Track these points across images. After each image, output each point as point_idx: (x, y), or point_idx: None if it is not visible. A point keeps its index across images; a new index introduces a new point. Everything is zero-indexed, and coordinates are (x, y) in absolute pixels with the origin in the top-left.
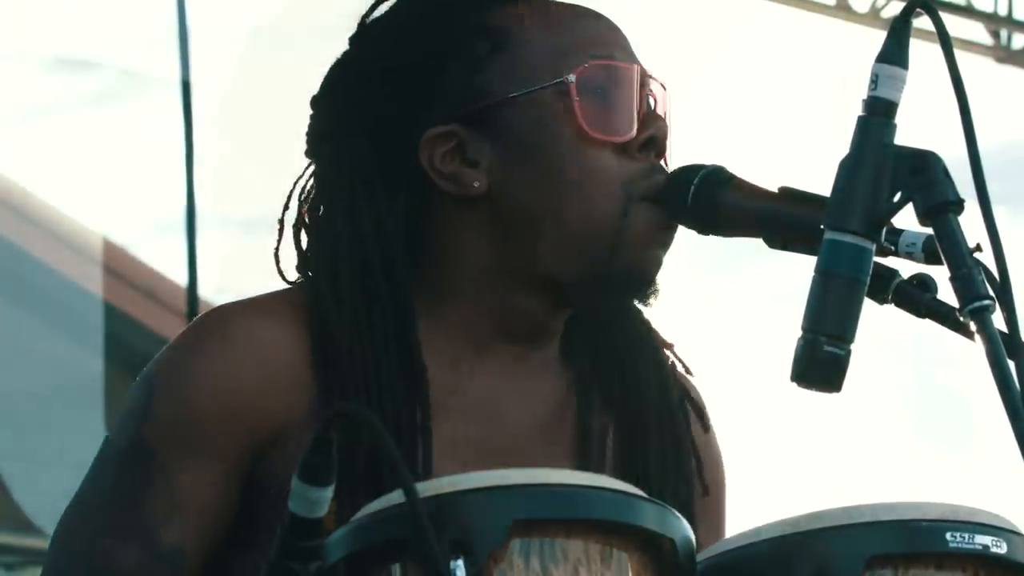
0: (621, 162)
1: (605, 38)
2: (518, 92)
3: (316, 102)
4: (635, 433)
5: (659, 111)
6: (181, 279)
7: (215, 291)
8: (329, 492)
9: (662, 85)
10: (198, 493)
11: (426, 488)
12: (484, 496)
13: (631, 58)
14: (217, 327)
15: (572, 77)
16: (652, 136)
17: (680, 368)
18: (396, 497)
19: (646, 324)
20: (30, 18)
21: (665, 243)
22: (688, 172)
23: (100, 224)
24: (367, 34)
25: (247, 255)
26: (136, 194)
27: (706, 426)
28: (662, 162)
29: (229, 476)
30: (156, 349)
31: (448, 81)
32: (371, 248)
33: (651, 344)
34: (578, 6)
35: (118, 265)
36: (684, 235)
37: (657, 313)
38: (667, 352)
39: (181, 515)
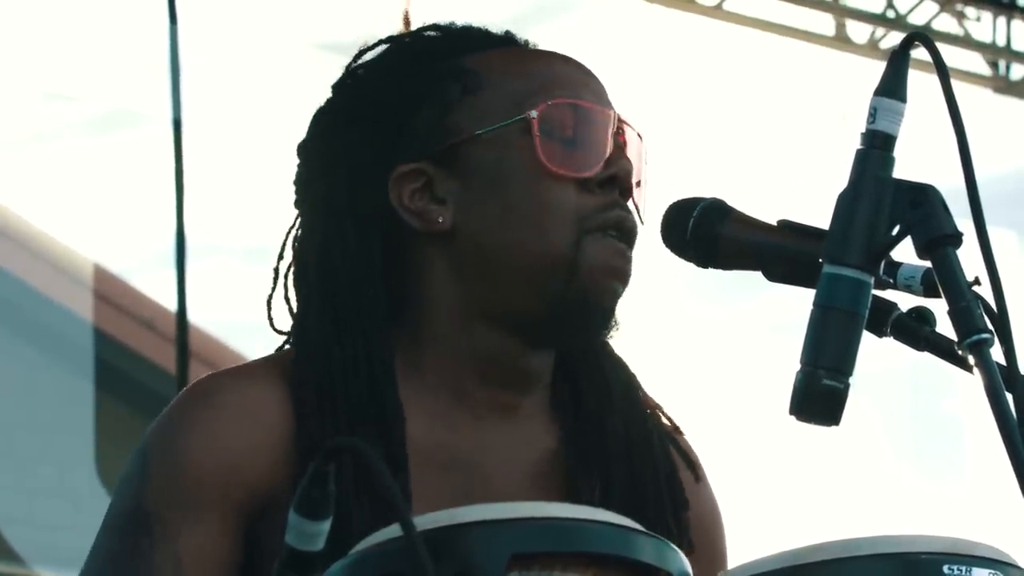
0: (581, 197)
1: (574, 80)
2: (483, 130)
3: (300, 149)
4: (630, 494)
5: (630, 155)
6: (172, 305)
7: (208, 319)
8: (326, 525)
9: (639, 135)
10: (200, 554)
11: (424, 521)
12: (482, 529)
13: (602, 101)
14: (206, 393)
15: (534, 113)
16: (614, 174)
17: (668, 424)
18: (394, 530)
19: (631, 379)
20: (26, 51)
21: (621, 275)
22: (687, 205)
23: (91, 250)
24: (349, 80)
25: (244, 283)
26: (129, 222)
27: (697, 476)
28: (631, 204)
29: (229, 536)
30: (147, 375)
31: (420, 122)
32: (342, 292)
33: (637, 400)
34: (553, 52)
35: (109, 291)
36: (683, 267)
37: (656, 344)
38: (653, 410)
39: (185, 575)
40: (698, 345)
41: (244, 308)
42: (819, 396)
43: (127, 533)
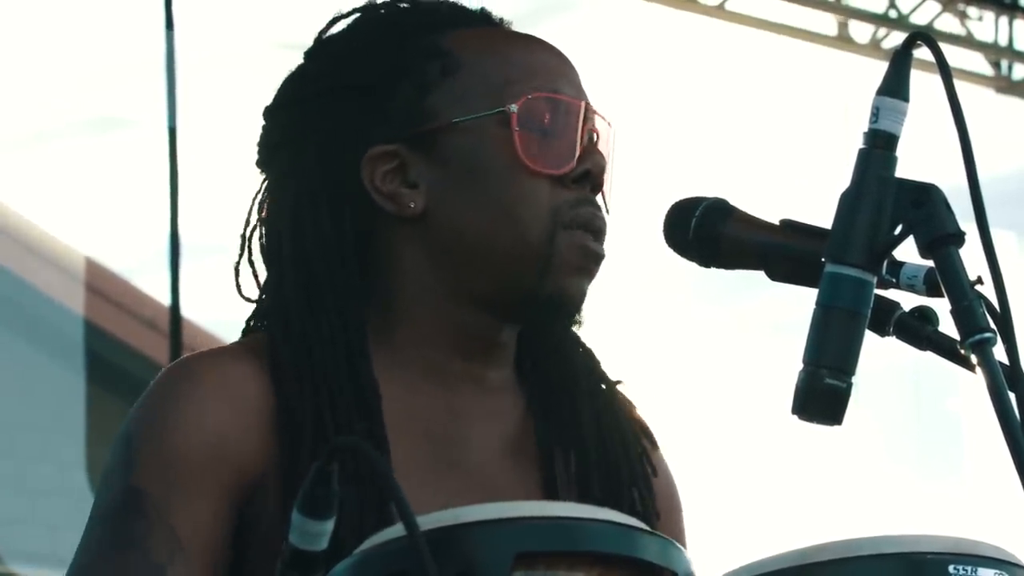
0: (555, 191)
1: (552, 70)
2: (461, 118)
3: (268, 113)
4: (603, 462)
5: (600, 147)
6: (164, 299)
7: (208, 318)
8: (329, 525)
9: (608, 122)
10: (196, 533)
11: (428, 521)
12: (487, 529)
13: (577, 92)
14: (186, 373)
15: (514, 107)
16: (587, 170)
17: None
18: (398, 530)
19: (589, 353)
20: (27, 54)
21: (590, 272)
22: (689, 204)
23: (90, 250)
24: (323, 49)
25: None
26: (128, 221)
27: (653, 444)
28: (600, 197)
29: (222, 515)
30: (138, 368)
31: (396, 102)
32: (315, 265)
33: (598, 372)
34: (531, 36)
35: (101, 284)
36: (686, 267)
37: (658, 344)
38: (610, 382)
39: (183, 554)
40: (700, 345)
41: (241, 307)
42: (821, 395)
43: (120, 517)
